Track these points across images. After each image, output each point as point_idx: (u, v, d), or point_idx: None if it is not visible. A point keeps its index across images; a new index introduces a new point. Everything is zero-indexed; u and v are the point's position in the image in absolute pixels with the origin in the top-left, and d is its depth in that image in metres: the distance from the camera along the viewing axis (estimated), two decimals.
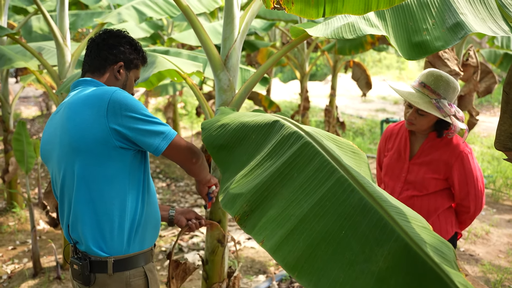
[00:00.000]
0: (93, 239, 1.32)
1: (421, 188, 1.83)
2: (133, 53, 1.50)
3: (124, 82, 1.50)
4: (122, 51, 1.47)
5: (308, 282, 0.89)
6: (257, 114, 1.35)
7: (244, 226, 1.04)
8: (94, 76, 1.47)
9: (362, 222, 0.91)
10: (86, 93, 1.34)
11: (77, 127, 1.30)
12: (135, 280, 1.37)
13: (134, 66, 1.51)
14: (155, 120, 1.34)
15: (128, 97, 1.32)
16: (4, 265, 3.41)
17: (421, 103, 1.73)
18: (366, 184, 0.97)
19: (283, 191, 1.05)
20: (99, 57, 1.46)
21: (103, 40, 1.48)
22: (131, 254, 1.36)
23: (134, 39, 1.54)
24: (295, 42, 1.66)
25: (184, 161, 1.44)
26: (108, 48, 1.46)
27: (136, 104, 1.31)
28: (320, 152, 1.07)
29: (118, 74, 1.48)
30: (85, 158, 1.30)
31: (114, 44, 1.47)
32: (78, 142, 1.30)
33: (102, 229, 1.32)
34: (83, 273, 1.32)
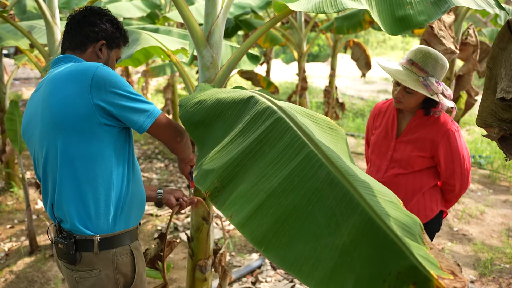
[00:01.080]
0: (79, 217, 1.31)
1: (407, 166, 1.82)
2: (115, 31, 1.47)
3: (105, 61, 1.47)
4: (103, 28, 1.44)
5: (275, 257, 0.90)
6: (234, 90, 1.34)
7: (215, 202, 1.04)
8: (75, 53, 1.44)
9: (329, 196, 0.91)
10: (69, 69, 1.31)
11: (60, 103, 1.27)
12: (122, 258, 1.37)
13: (115, 45, 1.49)
14: (139, 98, 1.32)
15: (112, 73, 1.29)
16: (2, 243, 3.46)
17: (408, 81, 1.71)
18: (334, 159, 0.97)
19: (254, 166, 1.04)
20: (80, 35, 1.42)
21: (84, 17, 1.43)
22: (117, 232, 1.35)
23: (115, 17, 1.50)
24: (279, 17, 1.62)
25: (168, 139, 1.44)
26: (89, 25, 1.42)
27: (120, 81, 1.29)
28: (291, 127, 1.06)
29: (100, 52, 1.45)
30: (69, 135, 1.27)
31: (96, 22, 1.43)
32: (61, 118, 1.27)
33: (87, 207, 1.30)
34: (68, 252, 1.30)
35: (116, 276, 1.35)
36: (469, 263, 3.17)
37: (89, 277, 1.33)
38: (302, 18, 5.26)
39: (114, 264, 1.35)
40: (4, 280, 2.87)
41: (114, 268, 1.35)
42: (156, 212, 4.12)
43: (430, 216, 1.84)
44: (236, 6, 4.45)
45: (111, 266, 1.34)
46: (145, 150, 6.44)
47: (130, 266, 1.39)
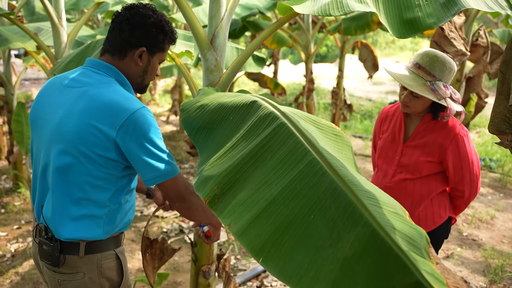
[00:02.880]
0: (76, 229, 1.30)
1: (414, 171, 1.78)
2: (159, 35, 1.36)
3: (145, 68, 1.39)
4: (145, 34, 1.34)
5: (273, 268, 0.87)
6: (237, 94, 1.31)
7: (215, 209, 1.01)
8: (114, 58, 1.37)
9: (331, 206, 0.88)
10: (110, 97, 1.27)
11: (84, 128, 1.25)
12: (107, 263, 1.36)
13: (158, 50, 1.39)
14: (160, 155, 1.28)
15: (147, 121, 1.26)
16: (8, 243, 3.48)
17: (415, 86, 1.67)
18: (338, 167, 0.93)
19: (255, 173, 1.01)
20: (120, 38, 1.34)
21: (126, 19, 1.34)
22: (104, 238, 1.35)
23: (163, 16, 1.39)
24: (284, 19, 1.60)
25: (169, 200, 1.40)
26: (130, 29, 1.33)
27: (151, 132, 1.26)
28: (294, 133, 1.03)
29: (139, 59, 1.36)
30: (78, 157, 1.25)
31: (138, 26, 1.33)
32: (78, 141, 1.25)
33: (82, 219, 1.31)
34: (52, 254, 1.29)
35: (100, 280, 1.35)
36: (479, 270, 3.10)
37: (72, 280, 1.32)
38: (309, 19, 5.22)
39: (98, 268, 1.34)
40: (10, 281, 2.88)
41: (98, 272, 1.34)
42: (162, 214, 4.12)
43: (439, 223, 1.79)
44: (243, 7, 4.43)
45: (96, 270, 1.34)
46: None
47: (115, 270, 1.38)
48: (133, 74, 1.39)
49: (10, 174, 4.89)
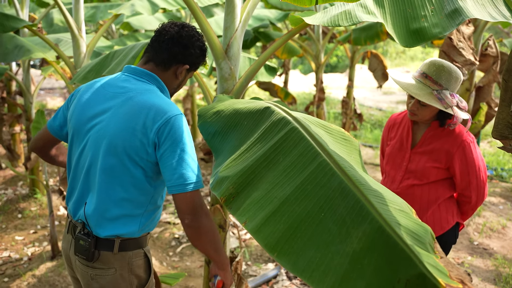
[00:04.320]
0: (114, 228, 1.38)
1: (422, 177, 1.82)
2: (200, 57, 1.51)
3: (181, 82, 1.53)
4: (192, 53, 1.47)
5: (287, 262, 0.92)
6: (250, 101, 1.38)
7: (230, 208, 1.07)
8: (158, 68, 1.46)
9: (341, 204, 0.93)
10: (153, 102, 1.35)
11: (129, 132, 1.33)
12: (137, 260, 1.43)
13: (195, 68, 1.53)
14: (189, 164, 1.31)
15: (182, 128, 1.33)
16: (25, 247, 3.57)
17: (422, 95, 1.72)
18: (347, 168, 0.99)
19: (268, 174, 1.07)
20: (169, 52, 1.44)
21: (179, 37, 1.45)
22: (136, 237, 1.42)
23: (203, 38, 1.53)
24: (295, 30, 1.67)
25: (180, 214, 1.35)
26: (181, 47, 1.44)
27: (184, 139, 1.32)
28: (305, 137, 1.09)
29: (180, 74, 1.49)
30: (122, 159, 1.34)
31: (188, 45, 1.45)
32: (123, 144, 1.33)
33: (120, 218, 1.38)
34: (89, 249, 1.36)
35: (130, 277, 1.41)
36: (490, 278, 3.10)
37: (104, 275, 1.39)
38: (319, 30, 5.31)
39: (129, 265, 1.41)
40: (27, 283, 2.96)
41: (129, 269, 1.41)
42: (174, 220, 4.18)
43: (446, 228, 1.83)
44: (254, 19, 4.53)
45: (127, 267, 1.41)
46: None
47: (143, 268, 1.45)
48: (170, 84, 1.50)
49: (26, 180, 5.01)
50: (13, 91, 5.27)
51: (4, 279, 3.06)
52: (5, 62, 3.42)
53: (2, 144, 4.39)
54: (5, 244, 3.65)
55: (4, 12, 2.86)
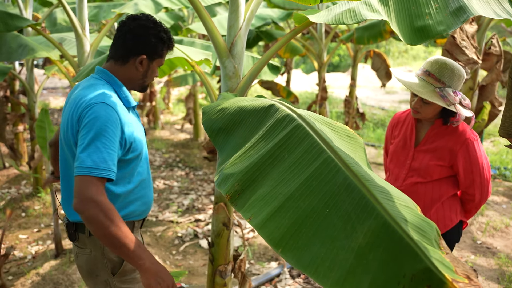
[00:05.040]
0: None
1: (425, 175, 1.82)
2: (158, 44, 1.51)
3: (144, 73, 1.55)
4: (146, 43, 1.49)
5: (291, 258, 0.93)
6: (255, 98, 1.39)
7: (235, 205, 1.08)
8: (117, 64, 1.52)
9: (346, 200, 0.94)
10: (82, 95, 1.43)
11: (68, 126, 1.44)
12: None
13: (158, 56, 1.54)
14: (92, 150, 1.31)
15: (99, 116, 1.35)
16: (29, 246, 3.59)
17: (425, 92, 1.72)
18: (352, 165, 1.00)
19: (273, 171, 1.08)
20: (124, 47, 1.50)
21: (130, 29, 1.49)
22: None
23: (162, 26, 1.53)
24: (299, 28, 1.67)
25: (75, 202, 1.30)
26: (133, 39, 1.48)
27: (96, 126, 1.34)
28: (310, 134, 1.09)
29: (140, 65, 1.52)
30: (69, 152, 1.46)
31: (140, 35, 1.48)
32: (66, 138, 1.46)
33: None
34: (68, 230, 1.54)
35: (103, 260, 1.50)
36: (493, 277, 3.09)
37: (83, 254, 1.54)
38: (322, 29, 5.31)
39: (101, 249, 1.50)
40: (31, 281, 2.97)
41: (101, 252, 1.50)
42: (177, 219, 4.19)
43: (450, 226, 1.83)
44: (257, 18, 4.54)
45: (100, 251, 1.50)
46: (166, 158, 6.56)
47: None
48: (134, 77, 1.55)
49: (30, 179, 5.04)
50: (17, 91, 5.29)
51: (8, 277, 3.08)
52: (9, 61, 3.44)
53: (6, 143, 4.41)
54: (9, 242, 3.66)
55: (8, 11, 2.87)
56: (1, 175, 5.36)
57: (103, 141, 1.34)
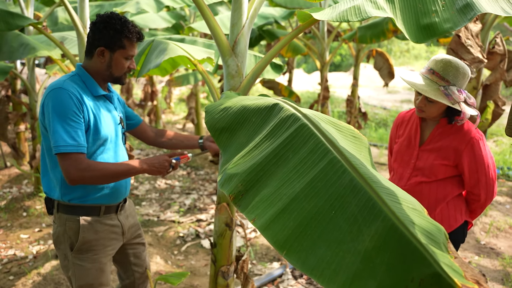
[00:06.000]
0: (46, 186, 1.74)
1: (430, 174, 1.80)
2: (115, 35, 1.64)
3: (108, 63, 1.69)
4: (103, 35, 1.63)
5: (296, 260, 0.91)
6: (259, 97, 1.37)
7: (239, 205, 1.06)
8: (87, 58, 1.71)
9: (352, 202, 0.92)
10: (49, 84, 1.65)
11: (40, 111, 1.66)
12: (69, 224, 1.70)
13: (118, 47, 1.66)
14: (56, 130, 1.54)
15: (56, 99, 1.57)
16: (30, 245, 3.58)
17: (429, 91, 1.70)
18: (358, 166, 0.97)
19: (278, 171, 1.06)
20: (89, 42, 1.69)
21: (93, 25, 1.67)
22: (71, 203, 1.69)
23: (121, 20, 1.65)
24: (302, 27, 1.65)
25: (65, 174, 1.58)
26: (94, 33, 1.66)
27: (55, 108, 1.55)
28: (315, 134, 1.07)
29: (102, 57, 1.67)
30: (42, 132, 1.67)
31: (99, 29, 1.64)
32: (40, 121, 1.67)
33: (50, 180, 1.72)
34: (46, 205, 1.76)
35: (65, 235, 1.70)
36: (497, 278, 3.06)
37: (53, 227, 1.76)
38: (324, 28, 5.28)
39: (64, 226, 1.70)
40: (32, 281, 2.96)
41: (64, 229, 1.70)
42: (179, 219, 4.18)
43: (454, 226, 1.80)
44: (259, 17, 4.51)
45: (63, 227, 1.70)
46: None
47: (74, 232, 1.69)
48: (99, 69, 1.70)
49: (31, 178, 5.03)
50: (18, 90, 5.28)
51: (9, 277, 3.06)
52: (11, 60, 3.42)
53: (8, 142, 4.40)
54: (10, 242, 3.65)
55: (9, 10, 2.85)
56: (3, 174, 5.35)
57: (61, 120, 1.54)
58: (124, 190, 1.83)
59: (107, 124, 1.70)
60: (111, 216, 1.79)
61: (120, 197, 1.81)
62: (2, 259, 3.35)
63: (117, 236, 1.81)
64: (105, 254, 1.76)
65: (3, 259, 3.35)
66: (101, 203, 1.74)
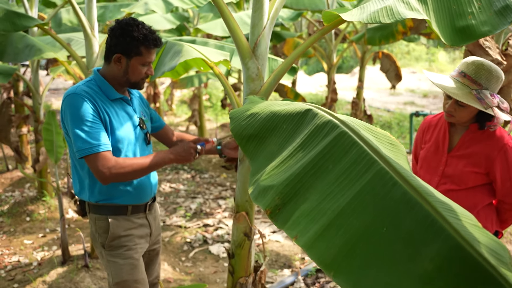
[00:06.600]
0: (76, 188, 1.79)
1: (459, 182, 1.72)
2: (132, 42, 1.62)
3: (125, 70, 1.68)
4: (120, 42, 1.62)
5: (346, 282, 0.83)
6: (288, 102, 1.29)
7: (276, 220, 0.98)
8: (105, 63, 1.71)
9: (406, 218, 0.84)
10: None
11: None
12: (99, 222, 1.75)
13: (135, 54, 1.64)
14: (77, 133, 1.56)
15: (71, 104, 1.59)
16: (34, 252, 3.49)
17: (460, 95, 1.63)
18: (409, 177, 0.90)
19: (317, 183, 0.98)
20: (107, 48, 1.68)
21: (111, 31, 1.66)
22: (99, 203, 1.73)
23: (138, 26, 1.63)
24: (327, 28, 1.58)
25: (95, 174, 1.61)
26: (111, 39, 1.65)
27: (72, 113, 1.58)
28: (357, 142, 1.00)
29: (119, 63, 1.67)
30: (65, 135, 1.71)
31: (116, 35, 1.63)
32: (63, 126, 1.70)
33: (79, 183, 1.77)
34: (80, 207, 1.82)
35: (96, 234, 1.76)
36: None
37: (90, 226, 1.81)
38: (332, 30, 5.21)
39: (95, 225, 1.75)
40: None
41: (95, 228, 1.75)
42: (185, 224, 4.10)
43: None
44: None
45: (94, 226, 1.76)
46: None
47: (104, 230, 1.73)
48: (116, 75, 1.69)
49: (34, 182, 4.94)
50: (21, 92, 5.19)
51: (14, 285, 2.98)
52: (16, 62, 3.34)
53: (11, 146, 4.31)
54: (14, 248, 3.57)
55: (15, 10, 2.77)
56: (5, 178, 5.26)
57: (80, 124, 1.56)
58: (150, 189, 1.83)
59: (123, 126, 1.70)
60: (139, 216, 1.81)
61: (147, 197, 1.82)
62: (6, 266, 3.26)
63: (145, 236, 1.84)
64: (136, 250, 1.78)
65: (6, 266, 3.27)
66: (128, 203, 1.76)
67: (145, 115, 1.88)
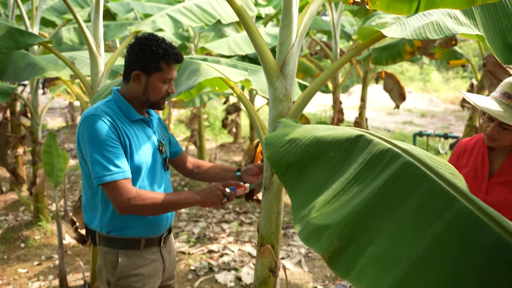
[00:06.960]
0: (85, 216, 1.67)
1: (505, 211, 1.58)
2: (151, 58, 1.53)
3: (144, 88, 1.58)
4: (139, 58, 1.54)
5: None
6: (332, 127, 1.16)
7: (335, 268, 0.83)
8: (124, 82, 1.62)
9: (505, 271, 0.70)
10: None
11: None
12: (109, 256, 1.62)
13: (155, 70, 1.55)
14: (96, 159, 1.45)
15: (91, 127, 1.48)
16: (29, 282, 3.27)
17: (507, 117, 1.51)
18: (499, 219, 0.76)
19: (382, 224, 0.84)
20: (125, 66, 1.59)
21: (129, 48, 1.58)
22: (111, 236, 1.61)
23: (159, 40, 1.55)
24: (363, 45, 1.46)
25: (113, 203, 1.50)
26: (130, 56, 1.56)
27: (91, 136, 1.47)
28: (428, 174, 0.86)
29: (138, 80, 1.57)
30: (80, 163, 1.60)
31: (135, 51, 1.55)
32: (78, 150, 1.58)
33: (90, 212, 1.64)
34: (91, 236, 1.68)
35: (104, 269, 1.63)
36: None
37: (98, 258, 1.68)
38: (337, 49, 5.15)
39: (104, 259, 1.63)
40: None
41: (104, 262, 1.63)
42: (189, 250, 3.90)
43: None
44: (272, 37, 4.37)
45: (103, 260, 1.63)
46: (171, 182, 6.28)
47: (113, 266, 1.61)
48: (136, 94, 1.60)
49: (29, 206, 4.73)
50: (17, 112, 5.03)
51: None
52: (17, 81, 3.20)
53: (7, 168, 4.12)
54: (7, 277, 3.34)
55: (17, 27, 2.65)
56: None
57: (99, 148, 1.45)
58: (166, 220, 1.70)
59: (142, 150, 1.60)
60: (153, 250, 1.67)
61: (162, 228, 1.69)
62: None
63: (158, 272, 1.69)
64: None
65: None
66: (141, 236, 1.62)
67: (164, 138, 1.76)
